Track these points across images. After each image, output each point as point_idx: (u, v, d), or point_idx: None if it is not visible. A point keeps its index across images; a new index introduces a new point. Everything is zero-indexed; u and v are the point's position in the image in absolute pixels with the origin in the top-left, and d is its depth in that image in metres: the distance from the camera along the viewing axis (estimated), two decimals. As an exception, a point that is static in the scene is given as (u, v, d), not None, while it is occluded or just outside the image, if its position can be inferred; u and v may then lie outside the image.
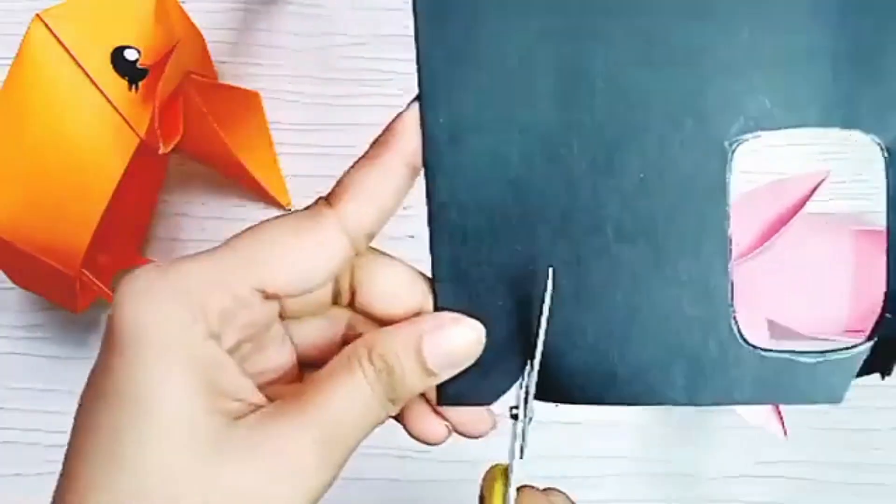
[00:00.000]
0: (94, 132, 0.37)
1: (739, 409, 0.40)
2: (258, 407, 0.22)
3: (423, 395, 0.25)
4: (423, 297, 0.24)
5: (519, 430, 0.25)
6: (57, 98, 0.37)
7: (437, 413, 0.25)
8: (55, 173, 0.37)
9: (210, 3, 0.48)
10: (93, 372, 0.22)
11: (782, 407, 0.40)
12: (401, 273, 0.24)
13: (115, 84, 0.38)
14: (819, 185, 0.40)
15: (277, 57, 0.48)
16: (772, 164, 0.47)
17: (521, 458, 0.25)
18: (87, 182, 0.37)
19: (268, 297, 0.22)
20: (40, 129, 0.37)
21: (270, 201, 0.47)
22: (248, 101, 0.47)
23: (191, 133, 0.42)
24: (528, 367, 0.24)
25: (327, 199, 0.23)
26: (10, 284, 0.44)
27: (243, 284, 0.21)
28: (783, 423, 0.40)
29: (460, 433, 0.25)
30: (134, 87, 0.38)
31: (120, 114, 0.38)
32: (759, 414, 0.40)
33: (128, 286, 0.21)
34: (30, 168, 0.37)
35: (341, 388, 0.22)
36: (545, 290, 0.23)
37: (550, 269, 0.23)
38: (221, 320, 0.21)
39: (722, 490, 0.47)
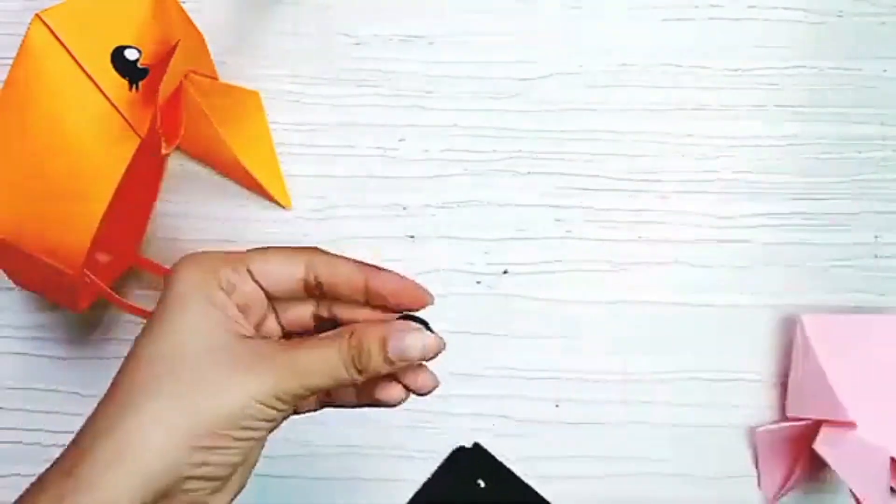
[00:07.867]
0: (95, 132, 0.37)
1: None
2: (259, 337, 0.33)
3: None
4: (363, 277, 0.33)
5: None
6: (57, 98, 0.37)
7: (396, 380, 0.33)
8: (56, 174, 0.37)
9: (210, 3, 0.48)
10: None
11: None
12: (349, 266, 0.33)
13: (116, 84, 0.38)
14: None
15: (277, 57, 0.48)
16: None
17: None
18: (88, 182, 0.37)
19: (255, 280, 0.32)
20: (41, 129, 0.37)
21: (270, 201, 0.47)
22: (248, 101, 0.47)
23: (191, 133, 0.42)
24: None
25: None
26: (11, 285, 0.44)
27: (241, 266, 0.32)
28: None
29: (412, 391, 0.33)
30: (134, 87, 0.38)
31: (120, 114, 0.38)
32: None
33: (182, 260, 0.32)
34: (30, 168, 0.37)
35: (319, 347, 0.32)
36: None
37: None
38: (228, 284, 0.32)
39: (722, 490, 0.47)
